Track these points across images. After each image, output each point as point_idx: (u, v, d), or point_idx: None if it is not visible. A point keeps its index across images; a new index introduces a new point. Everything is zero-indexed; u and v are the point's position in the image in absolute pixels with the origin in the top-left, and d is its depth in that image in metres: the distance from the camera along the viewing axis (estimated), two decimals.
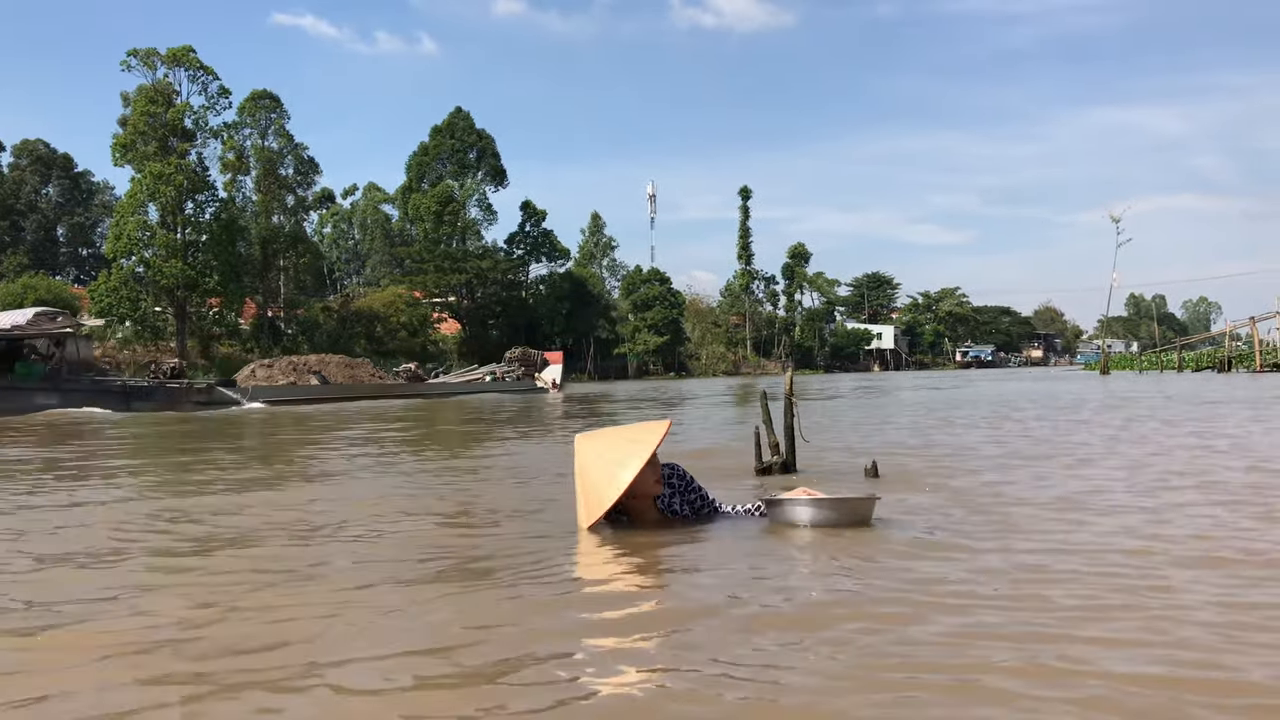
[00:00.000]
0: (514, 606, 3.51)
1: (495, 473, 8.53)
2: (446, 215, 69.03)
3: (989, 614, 3.19)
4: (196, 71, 53.61)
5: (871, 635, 2.98)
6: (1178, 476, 6.73)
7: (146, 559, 4.71)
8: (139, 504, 6.78)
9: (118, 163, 51.94)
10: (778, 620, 3.22)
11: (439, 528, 5.45)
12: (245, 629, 3.28)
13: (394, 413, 22.16)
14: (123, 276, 50.11)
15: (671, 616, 3.38)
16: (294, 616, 3.41)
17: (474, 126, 72.14)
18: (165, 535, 5.33)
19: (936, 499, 5.72)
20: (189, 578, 4.21)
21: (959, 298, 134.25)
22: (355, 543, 4.93)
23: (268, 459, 10.84)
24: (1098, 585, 3.56)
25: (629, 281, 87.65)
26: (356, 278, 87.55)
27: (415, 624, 3.31)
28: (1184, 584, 3.59)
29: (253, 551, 4.75)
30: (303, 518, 5.81)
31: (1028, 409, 16.57)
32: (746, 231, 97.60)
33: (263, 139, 60.09)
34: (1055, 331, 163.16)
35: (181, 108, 52.61)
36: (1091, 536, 4.54)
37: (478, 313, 71.62)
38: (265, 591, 3.82)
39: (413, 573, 4.14)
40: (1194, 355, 57.46)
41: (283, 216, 61.27)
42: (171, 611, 3.51)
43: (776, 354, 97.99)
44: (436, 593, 3.78)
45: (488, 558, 4.40)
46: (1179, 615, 3.15)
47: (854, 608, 3.32)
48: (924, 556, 4.11)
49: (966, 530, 4.69)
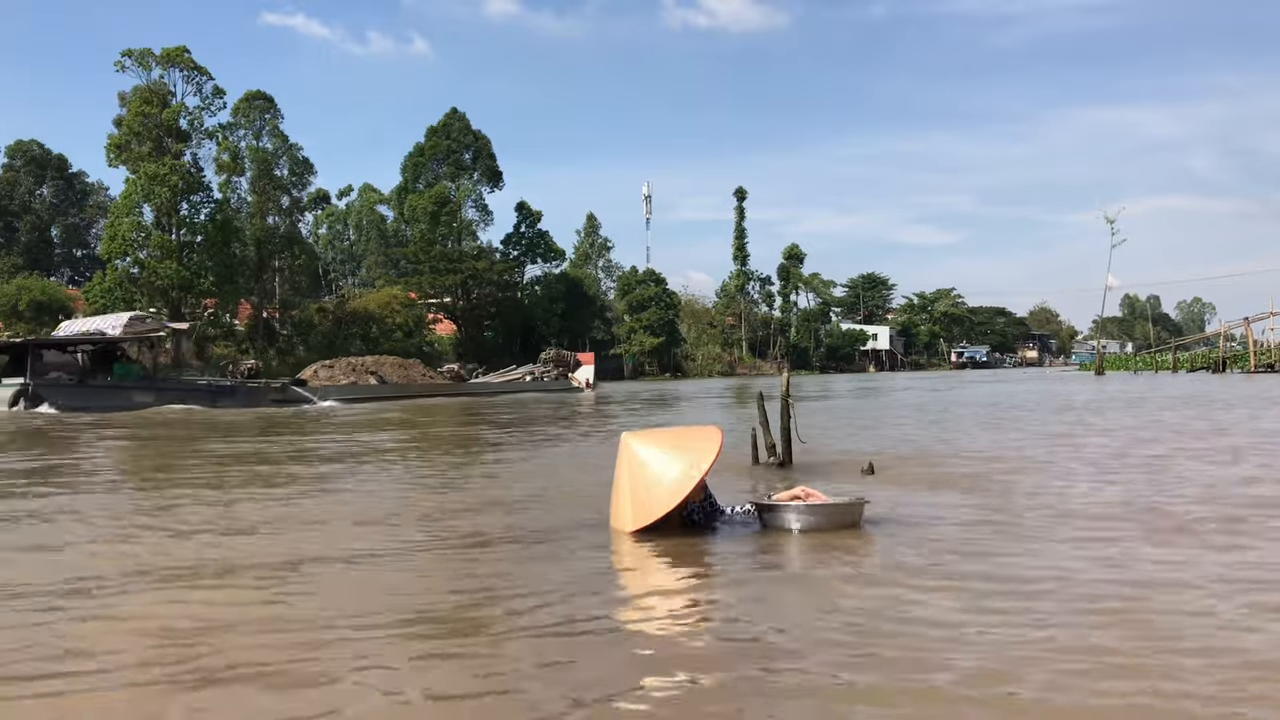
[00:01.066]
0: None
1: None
2: (443, 216, 68.93)
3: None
4: (191, 72, 53.54)
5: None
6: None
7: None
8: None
9: (112, 163, 51.85)
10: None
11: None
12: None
13: (470, 409, 23.91)
14: (117, 277, 50.01)
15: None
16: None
17: (470, 127, 72.04)
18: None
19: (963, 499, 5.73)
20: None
21: (954, 298, 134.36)
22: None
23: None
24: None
25: (624, 282, 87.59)
26: (352, 279, 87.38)
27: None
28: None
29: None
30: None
31: (1028, 418, 16.60)
32: (742, 232, 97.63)
33: (257, 140, 59.93)
34: (1050, 332, 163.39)
35: (176, 108, 52.51)
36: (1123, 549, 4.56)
37: (473, 313, 71.53)
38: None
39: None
40: (1189, 356, 57.62)
41: (278, 217, 61.12)
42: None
43: (772, 355, 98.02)
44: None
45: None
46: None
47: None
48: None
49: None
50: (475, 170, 71.99)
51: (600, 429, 15.78)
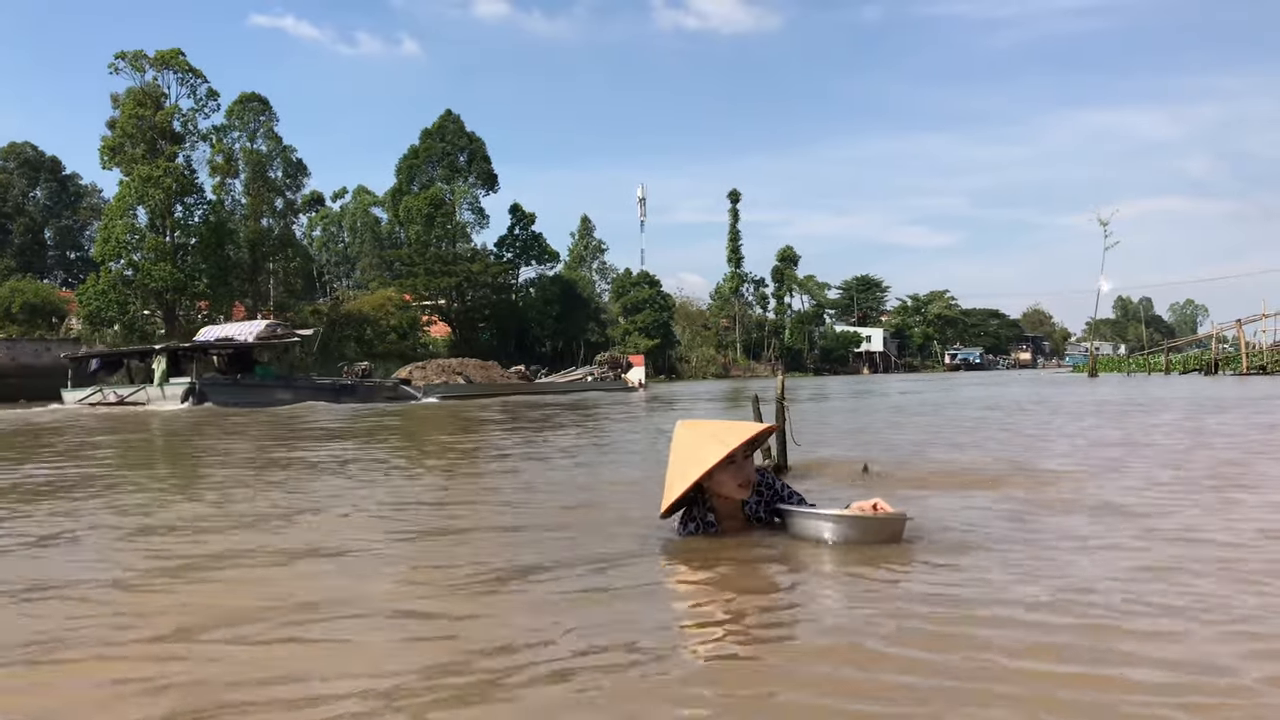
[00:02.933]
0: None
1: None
2: (438, 219, 68.89)
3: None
4: (185, 74, 53.50)
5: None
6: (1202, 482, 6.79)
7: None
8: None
9: (106, 165, 51.79)
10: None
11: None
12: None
13: (550, 405, 26.26)
14: (111, 280, 49.91)
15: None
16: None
17: (464, 129, 72.02)
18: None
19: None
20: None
21: (948, 300, 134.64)
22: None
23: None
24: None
25: (619, 284, 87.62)
26: (346, 281, 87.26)
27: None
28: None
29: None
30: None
31: (1026, 417, 16.66)
32: (736, 234, 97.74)
33: (251, 141, 59.90)
34: (1043, 334, 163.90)
35: (170, 110, 52.47)
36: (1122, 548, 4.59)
37: (467, 315, 71.50)
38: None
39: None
40: (1181, 358, 57.81)
41: (272, 219, 61.06)
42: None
43: (766, 357, 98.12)
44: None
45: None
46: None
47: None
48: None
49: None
50: (470, 172, 71.97)
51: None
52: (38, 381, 44.54)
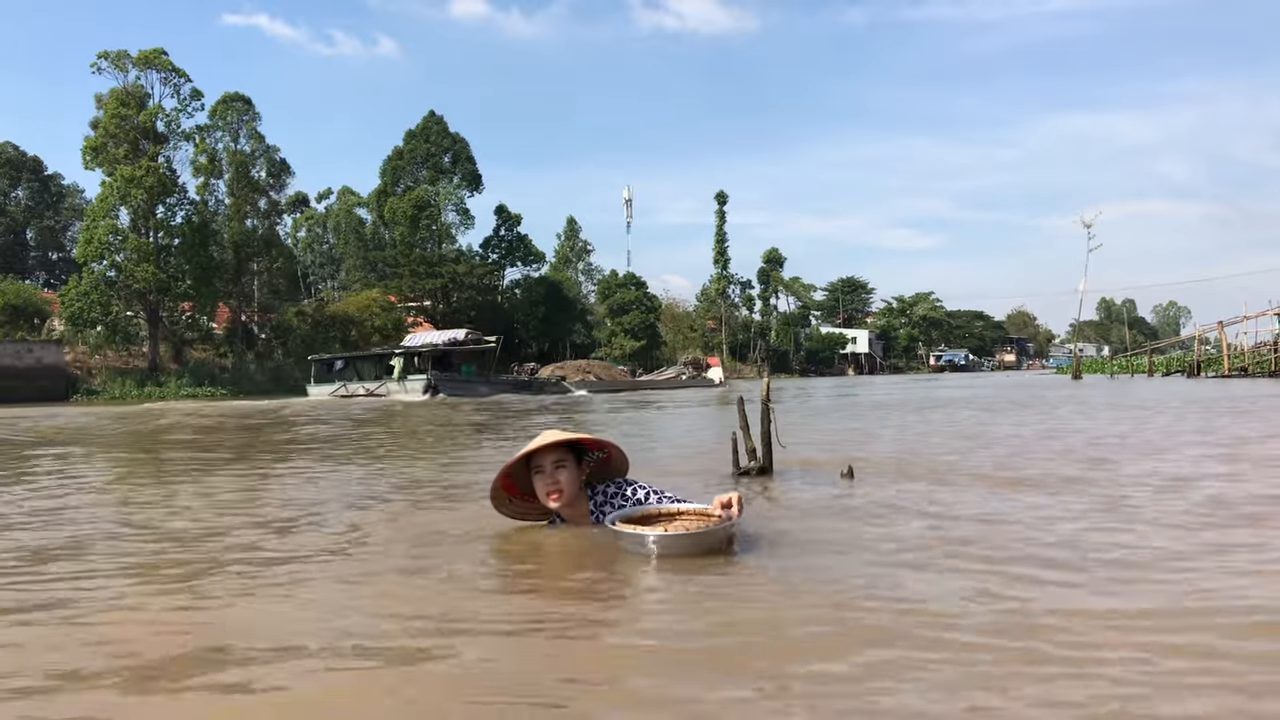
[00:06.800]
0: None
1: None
2: (423, 220, 68.71)
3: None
4: (168, 74, 53.20)
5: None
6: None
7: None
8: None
9: (89, 166, 51.43)
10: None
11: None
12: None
13: (669, 399, 29.20)
14: (94, 281, 49.52)
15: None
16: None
17: (448, 130, 71.88)
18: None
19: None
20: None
21: (933, 302, 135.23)
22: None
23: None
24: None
25: (605, 286, 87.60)
26: (331, 281, 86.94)
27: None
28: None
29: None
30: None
31: (1027, 418, 16.72)
32: (723, 236, 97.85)
33: (235, 141, 59.56)
34: (1027, 336, 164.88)
35: (153, 110, 52.16)
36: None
37: (453, 317, 71.31)
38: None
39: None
40: (1164, 359, 58.15)
41: (256, 220, 60.70)
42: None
43: (752, 358, 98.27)
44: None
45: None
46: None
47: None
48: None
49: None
50: (455, 173, 71.84)
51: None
52: (17, 383, 44.14)
